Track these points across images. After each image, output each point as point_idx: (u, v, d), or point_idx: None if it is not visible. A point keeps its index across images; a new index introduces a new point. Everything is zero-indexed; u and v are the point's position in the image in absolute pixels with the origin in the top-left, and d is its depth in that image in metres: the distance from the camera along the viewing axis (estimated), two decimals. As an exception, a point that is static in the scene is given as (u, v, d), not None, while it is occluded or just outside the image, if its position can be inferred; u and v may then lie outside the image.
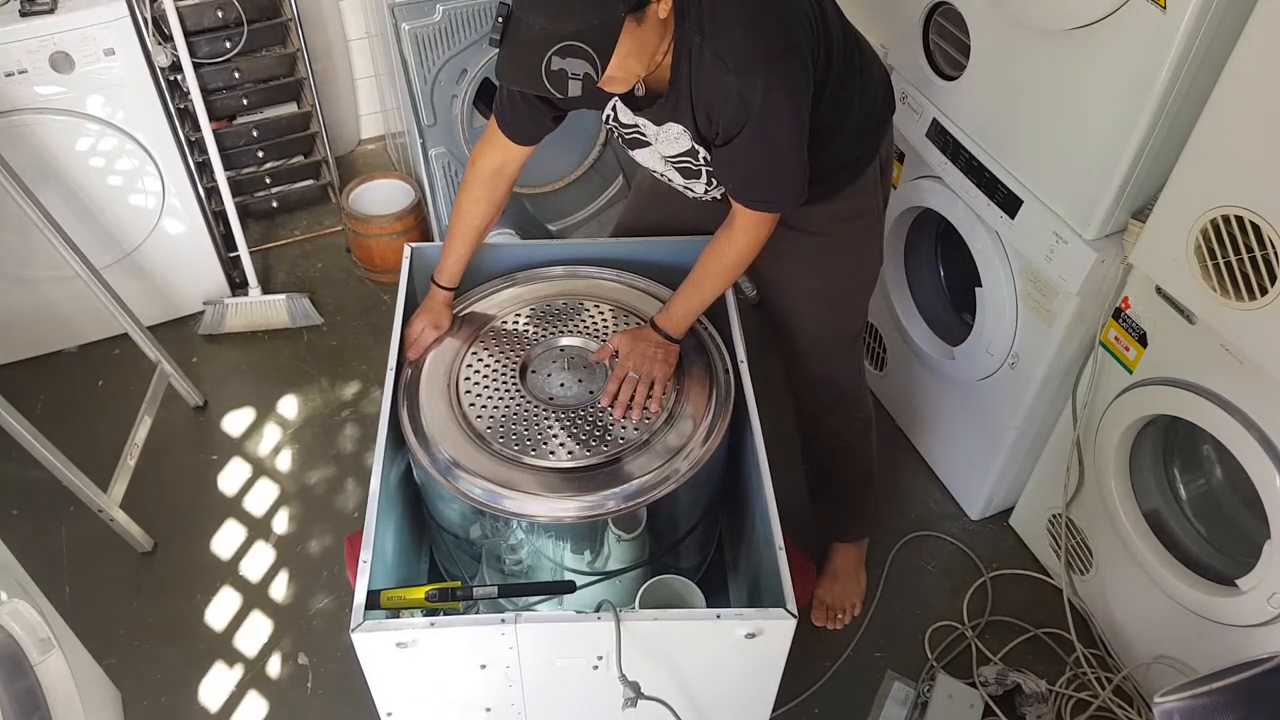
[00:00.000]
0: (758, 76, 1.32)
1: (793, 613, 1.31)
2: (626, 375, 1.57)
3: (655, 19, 1.30)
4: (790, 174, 1.44)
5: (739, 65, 1.33)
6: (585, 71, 1.23)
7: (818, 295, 1.74)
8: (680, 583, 1.52)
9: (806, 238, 1.63)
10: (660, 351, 1.59)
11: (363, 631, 1.29)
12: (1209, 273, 1.52)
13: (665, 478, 1.50)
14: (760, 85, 1.33)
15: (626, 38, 1.25)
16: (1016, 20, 1.71)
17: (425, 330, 1.67)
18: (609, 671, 1.31)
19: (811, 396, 1.89)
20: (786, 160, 1.42)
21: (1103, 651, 2.01)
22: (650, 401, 1.56)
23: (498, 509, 1.47)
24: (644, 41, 1.30)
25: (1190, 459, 1.84)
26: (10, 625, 1.49)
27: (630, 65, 1.31)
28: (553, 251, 1.85)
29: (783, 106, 1.36)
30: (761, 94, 1.33)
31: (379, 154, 3.25)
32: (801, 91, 1.37)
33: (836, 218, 1.64)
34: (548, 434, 1.53)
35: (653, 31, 1.31)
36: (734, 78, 1.34)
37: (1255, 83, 1.38)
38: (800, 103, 1.38)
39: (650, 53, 1.33)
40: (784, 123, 1.37)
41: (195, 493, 2.31)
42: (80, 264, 2.15)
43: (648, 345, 1.59)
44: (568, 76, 1.23)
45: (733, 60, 1.33)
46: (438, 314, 1.69)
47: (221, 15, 2.54)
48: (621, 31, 1.24)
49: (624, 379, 1.57)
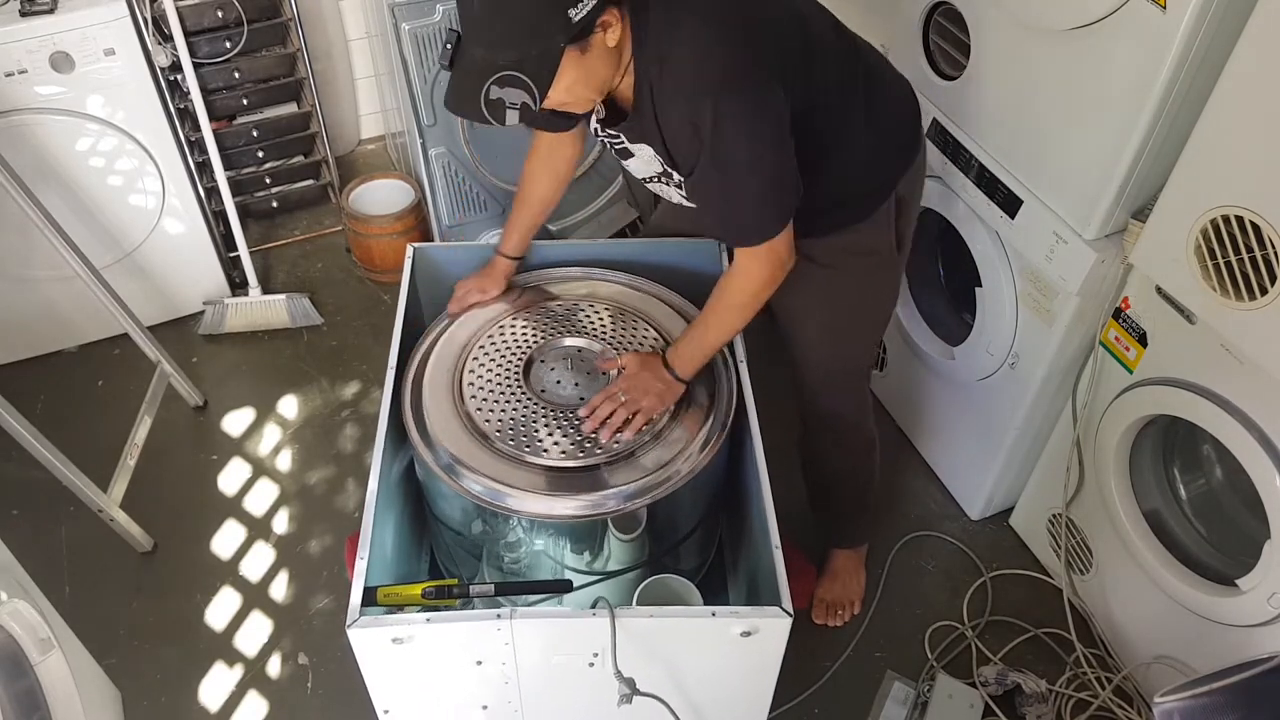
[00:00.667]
0: (706, 105, 1.29)
1: (788, 611, 1.31)
2: (615, 394, 1.54)
3: (603, 48, 1.28)
4: (758, 203, 1.38)
5: (689, 94, 1.30)
6: (523, 101, 1.23)
7: (823, 326, 1.70)
8: (678, 582, 1.52)
9: (815, 268, 1.58)
10: (660, 386, 1.55)
11: (358, 627, 1.29)
12: (1209, 273, 1.51)
13: (665, 479, 1.50)
14: (709, 114, 1.29)
15: (570, 67, 1.25)
16: (1016, 20, 1.71)
17: (471, 291, 1.71)
18: (605, 668, 1.31)
19: (814, 421, 1.87)
20: (751, 189, 1.37)
21: (1103, 651, 2.01)
22: (625, 430, 1.52)
23: (498, 506, 1.48)
24: (590, 70, 1.28)
25: (1190, 459, 1.84)
26: (10, 625, 1.49)
27: (579, 91, 1.30)
28: (556, 252, 1.85)
29: (737, 134, 1.31)
30: (710, 122, 1.29)
31: (379, 154, 3.25)
32: (761, 118, 1.32)
33: (846, 251, 1.60)
34: (549, 433, 1.54)
35: (600, 60, 1.29)
36: (686, 106, 1.31)
37: (1255, 83, 1.38)
38: (761, 130, 1.32)
39: (601, 79, 1.32)
40: (741, 151, 1.32)
41: (195, 493, 2.31)
42: (80, 264, 2.15)
43: (650, 377, 1.55)
44: (505, 106, 1.23)
45: (685, 89, 1.31)
46: (490, 279, 1.72)
47: (221, 15, 2.54)
48: (562, 61, 1.23)
49: (611, 396, 1.54)
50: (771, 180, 1.36)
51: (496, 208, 2.65)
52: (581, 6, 1.21)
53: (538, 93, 1.23)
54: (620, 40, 1.29)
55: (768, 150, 1.34)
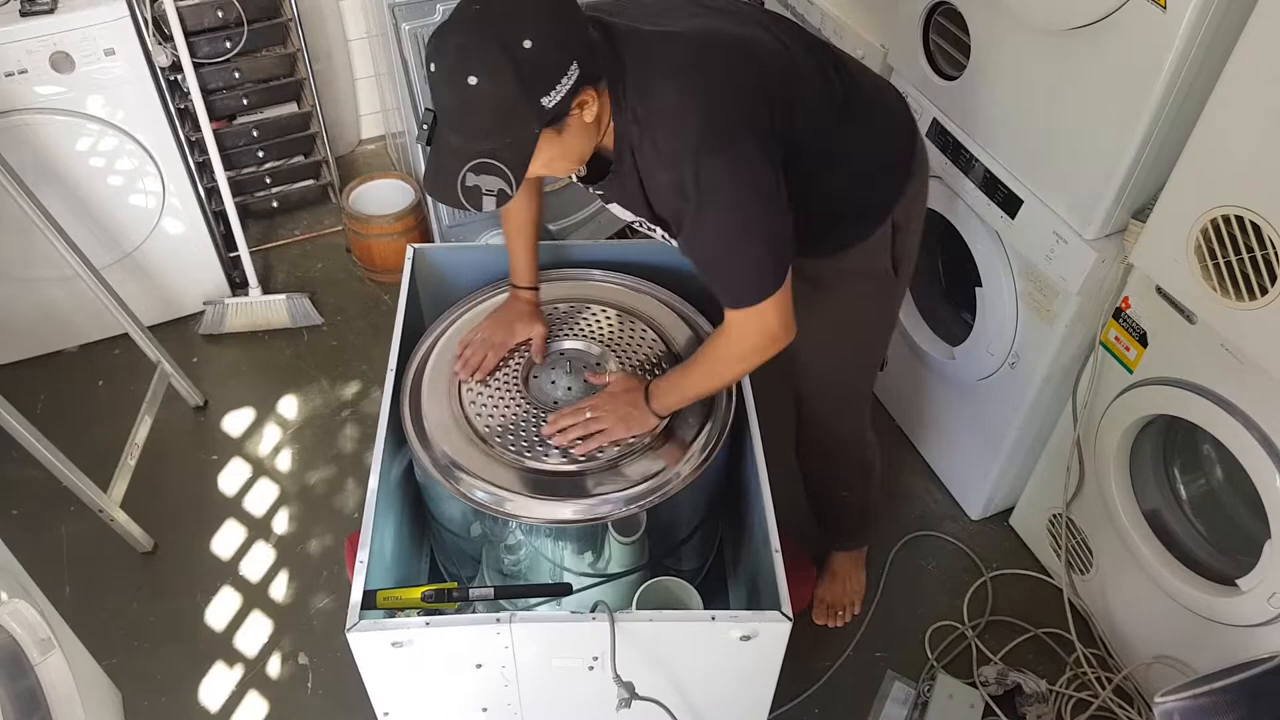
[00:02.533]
0: (688, 169, 1.25)
1: (788, 615, 1.31)
2: (583, 410, 1.52)
3: (580, 124, 1.24)
4: (746, 263, 1.32)
5: (670, 159, 1.26)
6: (499, 188, 1.21)
7: (819, 346, 1.66)
8: (678, 585, 1.52)
9: (810, 288, 1.55)
10: (633, 415, 1.51)
11: (358, 631, 1.29)
12: (1209, 272, 1.51)
13: (665, 482, 1.50)
14: (690, 177, 1.25)
15: (546, 146, 1.22)
16: (1017, 20, 1.70)
17: (488, 356, 1.61)
18: (605, 672, 1.31)
19: (814, 441, 1.86)
20: (739, 250, 1.31)
21: (1103, 651, 2.01)
22: (581, 445, 1.51)
23: (498, 511, 1.47)
24: (568, 147, 1.26)
25: (1190, 459, 1.84)
26: (10, 625, 1.49)
27: (557, 165, 1.29)
28: (555, 254, 1.85)
29: (721, 197, 1.26)
30: (693, 186, 1.25)
31: (379, 154, 3.25)
32: (745, 177, 1.27)
33: (841, 273, 1.58)
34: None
35: (577, 136, 1.25)
36: (668, 171, 1.27)
37: (1255, 83, 1.38)
38: (745, 189, 1.27)
39: (579, 152, 1.29)
40: (726, 213, 1.28)
41: (195, 493, 2.31)
42: (80, 264, 2.15)
43: (626, 404, 1.52)
44: (481, 193, 1.21)
45: (665, 154, 1.27)
46: (511, 325, 1.64)
47: (221, 15, 2.54)
48: (539, 143, 1.21)
49: (577, 411, 1.53)
50: (759, 240, 1.31)
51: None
52: (555, 93, 1.17)
53: (514, 179, 1.21)
54: (599, 112, 1.26)
55: (754, 209, 1.29)
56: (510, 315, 1.67)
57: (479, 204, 1.23)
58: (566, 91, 1.18)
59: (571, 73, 1.18)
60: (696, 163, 1.24)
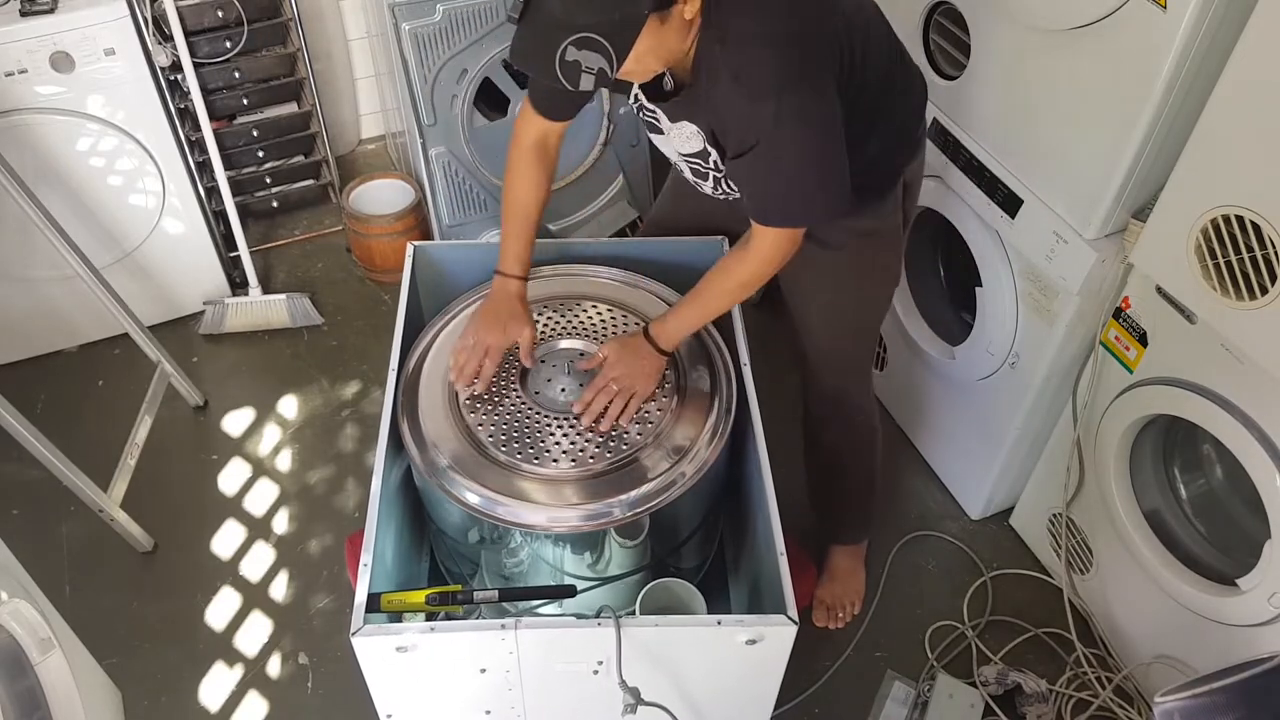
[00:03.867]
0: (768, 102, 1.29)
1: (794, 619, 1.31)
2: (606, 385, 1.53)
3: (680, 19, 1.25)
4: (805, 194, 1.39)
5: (751, 88, 1.29)
6: (600, 67, 1.19)
7: (829, 308, 1.71)
8: (681, 586, 1.52)
9: (822, 250, 1.59)
10: (647, 366, 1.54)
11: (363, 636, 1.29)
12: (1209, 272, 1.51)
13: (669, 484, 1.49)
14: (769, 112, 1.29)
15: (647, 35, 1.21)
16: (1017, 20, 1.70)
17: (485, 364, 1.56)
18: (609, 676, 1.31)
19: (818, 406, 1.88)
20: (801, 180, 1.37)
21: (1103, 651, 2.01)
22: (622, 417, 1.52)
23: (496, 518, 1.46)
24: (664, 40, 1.26)
25: (1190, 458, 1.84)
26: (11, 625, 1.49)
27: (648, 62, 1.28)
28: (554, 251, 1.85)
29: (794, 133, 1.31)
30: (770, 121, 1.30)
31: (379, 154, 3.25)
32: (819, 117, 1.33)
33: (855, 233, 1.60)
34: (548, 440, 1.52)
35: (675, 32, 1.26)
36: (745, 100, 1.30)
37: (1255, 83, 1.38)
38: (817, 128, 1.33)
39: (670, 52, 1.30)
40: (795, 147, 1.33)
41: (195, 493, 2.31)
42: (80, 264, 2.15)
43: (635, 358, 1.55)
44: (581, 69, 1.18)
45: (746, 81, 1.29)
46: (503, 325, 1.58)
47: (221, 15, 2.54)
48: (643, 29, 1.21)
49: (603, 388, 1.53)
50: (821, 172, 1.37)
51: (497, 207, 2.65)
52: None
53: (615, 59, 1.19)
54: (695, 14, 1.26)
55: (824, 146, 1.35)
56: (500, 312, 1.60)
57: (577, 80, 1.19)
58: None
59: None
60: (779, 96, 1.28)
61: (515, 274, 1.63)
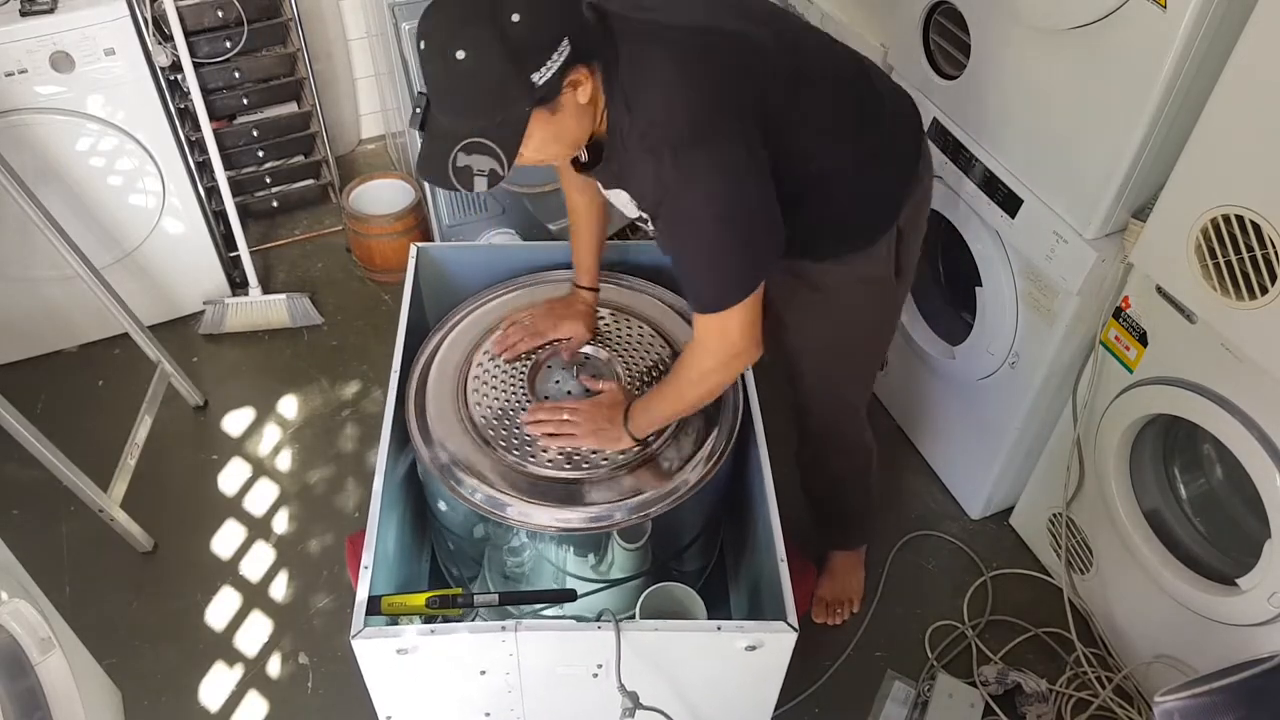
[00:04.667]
0: (666, 156, 1.24)
1: (794, 626, 1.31)
2: (562, 410, 1.53)
3: (574, 105, 1.23)
4: (714, 266, 1.30)
5: (652, 144, 1.25)
6: (490, 168, 1.20)
7: (819, 349, 1.66)
8: (681, 591, 1.52)
9: (808, 291, 1.55)
10: (608, 431, 1.52)
11: (363, 638, 1.29)
12: (1209, 272, 1.51)
13: (673, 489, 1.49)
14: (669, 165, 1.24)
15: (538, 128, 1.21)
16: (1017, 20, 1.71)
17: (524, 339, 1.66)
18: (609, 680, 1.31)
19: (810, 439, 1.86)
20: (708, 249, 1.29)
21: (1103, 651, 2.01)
22: (553, 440, 1.52)
23: (501, 516, 1.47)
24: (562, 128, 1.24)
25: (1190, 458, 1.84)
26: (11, 625, 1.49)
27: (552, 149, 1.27)
28: (558, 254, 1.85)
29: (696, 190, 1.25)
30: (671, 175, 1.24)
31: (379, 154, 3.25)
32: (726, 173, 1.25)
33: (842, 278, 1.55)
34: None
35: (572, 117, 1.24)
36: (649, 157, 1.26)
37: (1255, 83, 1.38)
38: (728, 187, 1.25)
39: (574, 135, 1.28)
40: (701, 207, 1.26)
41: (195, 492, 2.31)
42: (80, 264, 2.15)
43: (605, 419, 1.52)
44: (473, 173, 1.20)
45: (648, 140, 1.26)
46: (561, 318, 1.67)
47: (221, 15, 2.54)
48: (530, 124, 1.20)
49: (557, 410, 1.54)
50: (731, 241, 1.29)
51: (497, 207, 2.65)
52: (545, 70, 1.16)
53: (505, 159, 1.20)
54: (594, 93, 1.24)
55: (730, 209, 1.26)
56: (562, 309, 1.69)
57: (470, 184, 1.21)
58: (558, 69, 1.17)
59: (562, 49, 1.17)
60: (676, 155, 1.24)
61: (583, 284, 1.71)
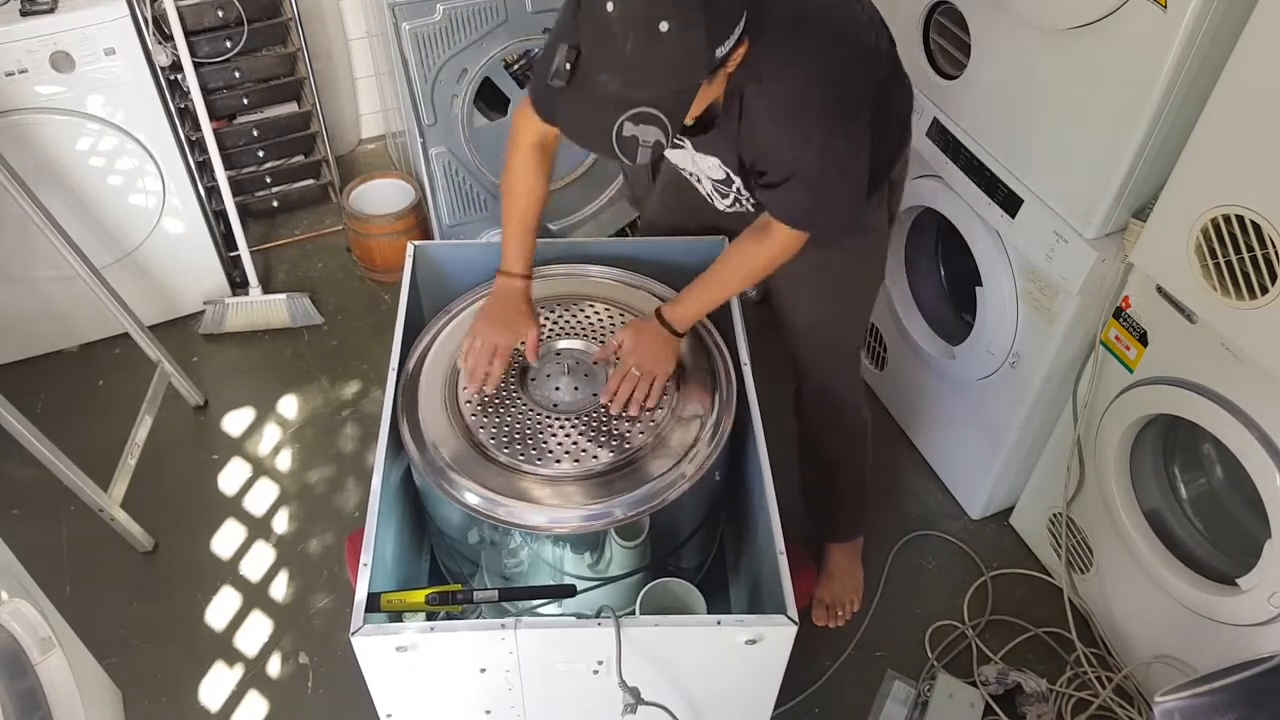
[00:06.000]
0: (811, 136, 1.33)
1: (794, 619, 1.31)
2: (629, 372, 1.55)
3: (723, 76, 1.26)
4: (838, 213, 1.46)
5: (794, 122, 1.33)
6: (656, 139, 1.16)
7: (819, 298, 1.73)
8: (681, 586, 1.52)
9: (813, 244, 1.57)
10: (664, 347, 1.57)
11: (362, 635, 1.29)
12: (1209, 272, 1.51)
13: (669, 484, 1.49)
14: (813, 145, 1.34)
15: (699, 99, 1.21)
16: (1017, 19, 1.71)
17: (494, 365, 1.56)
18: (609, 676, 1.31)
19: (810, 400, 1.88)
20: (834, 201, 1.43)
21: (1103, 651, 2.01)
22: (649, 399, 1.55)
23: (497, 518, 1.46)
24: (707, 94, 1.25)
25: (1191, 458, 1.84)
26: (11, 625, 1.49)
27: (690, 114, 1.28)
28: (552, 251, 1.85)
29: (833, 165, 1.37)
30: (814, 154, 1.35)
31: (379, 153, 3.25)
32: (854, 145, 1.38)
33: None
34: (549, 440, 1.52)
35: (717, 85, 1.27)
36: (786, 133, 1.34)
37: (1255, 83, 1.38)
38: (852, 156, 1.39)
39: (709, 100, 1.30)
40: (831, 177, 1.39)
41: (195, 492, 2.31)
42: (81, 264, 2.15)
43: (652, 341, 1.57)
44: (639, 144, 1.16)
45: (789, 115, 1.32)
46: (509, 323, 1.58)
47: (222, 15, 2.54)
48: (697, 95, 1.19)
49: (625, 375, 1.55)
50: (850, 195, 1.43)
51: (497, 207, 2.65)
52: (728, 43, 1.16)
53: (672, 130, 1.17)
54: (736, 64, 1.25)
55: (857, 171, 1.41)
56: (505, 311, 1.60)
57: (634, 155, 1.18)
58: (734, 42, 1.18)
59: (741, 23, 1.17)
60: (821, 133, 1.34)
61: (518, 272, 1.62)
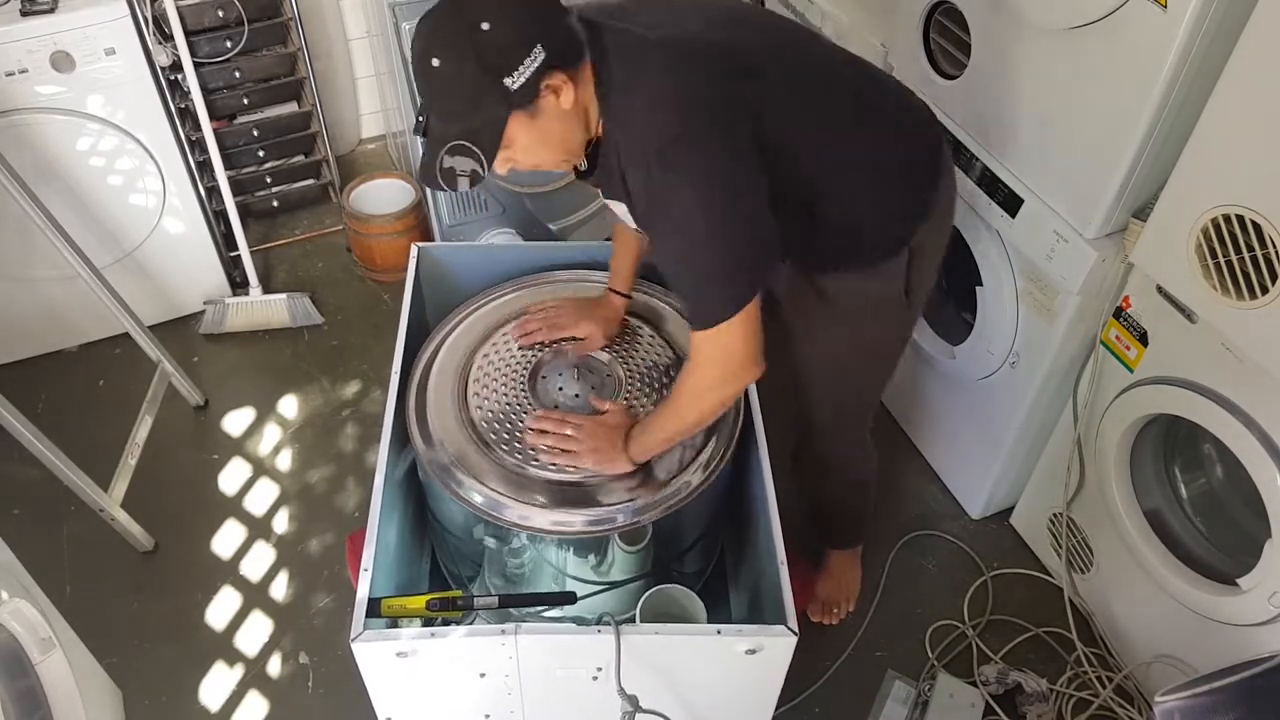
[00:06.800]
0: (655, 170, 1.24)
1: (794, 630, 1.31)
2: (566, 426, 1.51)
3: (556, 110, 1.24)
4: (706, 278, 1.29)
5: (635, 155, 1.27)
6: (472, 169, 1.25)
7: (823, 362, 1.64)
8: (682, 593, 1.51)
9: (816, 299, 1.53)
10: (607, 453, 1.49)
11: (363, 641, 1.29)
12: (1209, 272, 1.51)
13: (674, 492, 1.49)
14: (657, 179, 1.24)
15: (521, 131, 1.24)
16: (1017, 19, 1.71)
17: (542, 329, 1.69)
18: (608, 683, 1.31)
19: (809, 453, 1.83)
20: (705, 260, 1.28)
21: (1103, 650, 2.01)
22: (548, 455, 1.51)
23: (501, 519, 1.46)
24: (547, 131, 1.26)
25: (1191, 458, 1.84)
26: (11, 625, 1.49)
27: (542, 154, 1.30)
28: (559, 254, 1.85)
29: (684, 203, 1.24)
30: (660, 188, 1.25)
31: (379, 153, 3.25)
32: (715, 181, 1.24)
33: (848, 291, 1.53)
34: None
35: (556, 122, 1.26)
36: (638, 171, 1.27)
37: (1255, 83, 1.38)
38: (715, 194, 1.24)
39: (564, 141, 1.30)
40: (690, 219, 1.25)
41: (196, 492, 2.31)
42: (81, 264, 2.15)
43: (606, 440, 1.50)
44: (456, 174, 1.25)
45: (633, 148, 1.27)
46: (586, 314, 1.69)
47: (222, 15, 2.54)
48: (509, 127, 1.23)
49: (561, 424, 1.52)
50: (721, 252, 1.27)
51: (497, 207, 2.65)
52: (518, 75, 1.19)
53: (485, 160, 1.25)
54: (581, 100, 1.27)
55: (717, 221, 1.25)
56: (589, 308, 1.71)
57: (454, 184, 1.26)
58: (532, 74, 1.20)
59: (535, 55, 1.20)
60: (661, 166, 1.24)
61: (614, 288, 1.73)
